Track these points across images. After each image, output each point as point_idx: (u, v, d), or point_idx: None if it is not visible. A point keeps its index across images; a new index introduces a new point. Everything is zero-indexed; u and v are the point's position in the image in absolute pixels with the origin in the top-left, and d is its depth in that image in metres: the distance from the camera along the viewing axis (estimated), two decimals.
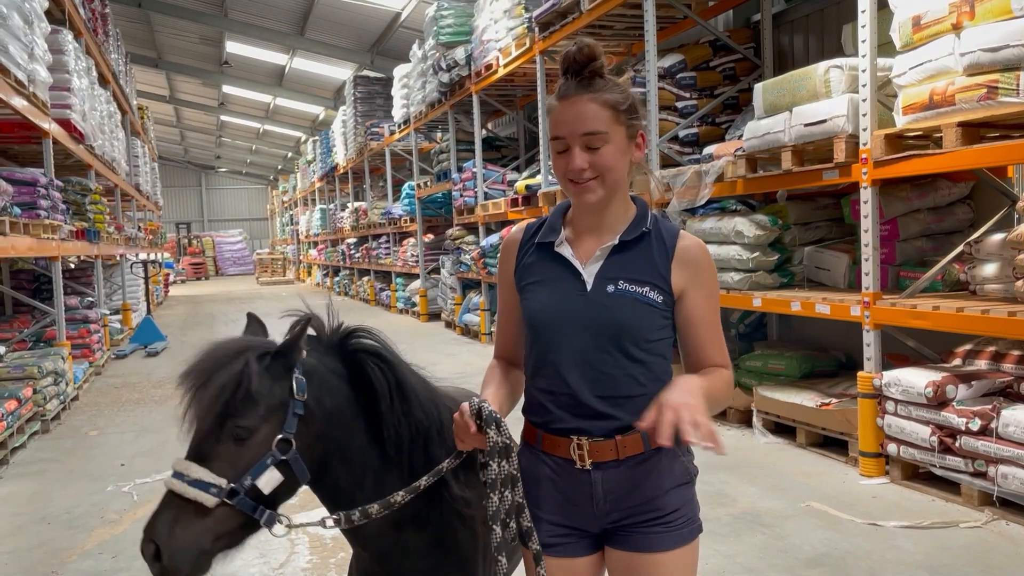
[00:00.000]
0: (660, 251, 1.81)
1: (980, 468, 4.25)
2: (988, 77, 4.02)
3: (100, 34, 12.96)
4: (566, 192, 1.82)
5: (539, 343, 1.81)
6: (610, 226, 1.83)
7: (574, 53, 1.77)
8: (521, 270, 1.88)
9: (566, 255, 1.82)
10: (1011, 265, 4.11)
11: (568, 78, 1.79)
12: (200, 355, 1.91)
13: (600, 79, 1.78)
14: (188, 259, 37.74)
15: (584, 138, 1.74)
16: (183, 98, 28.70)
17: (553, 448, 1.78)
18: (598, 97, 1.75)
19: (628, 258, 1.80)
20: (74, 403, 8.34)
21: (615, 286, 1.77)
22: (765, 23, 7.48)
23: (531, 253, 1.87)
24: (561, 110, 1.76)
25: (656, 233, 1.83)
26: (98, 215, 11.09)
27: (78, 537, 4.55)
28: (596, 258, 1.81)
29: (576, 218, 1.87)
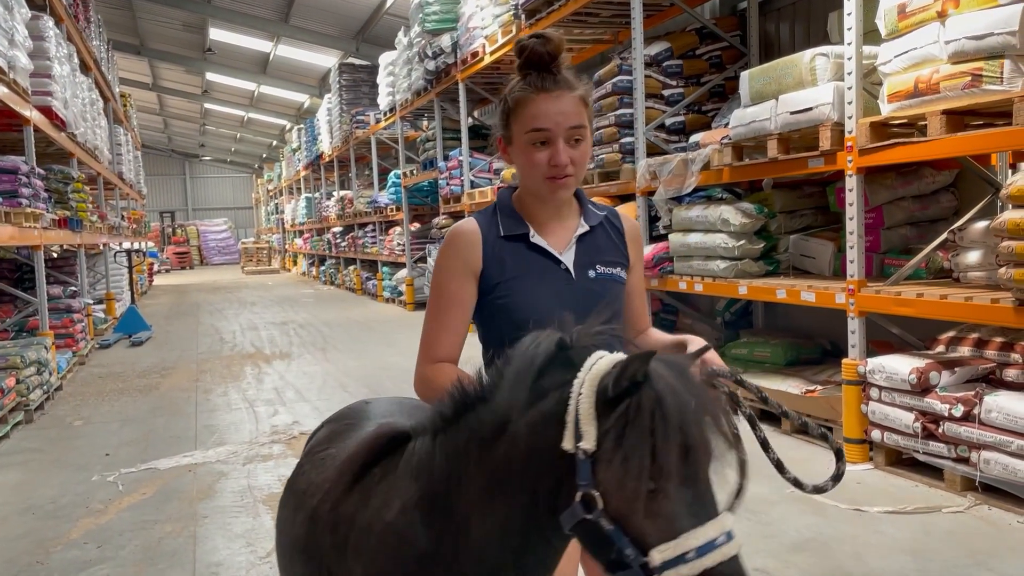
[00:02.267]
0: (615, 232, 1.93)
1: (963, 454, 4.29)
2: (972, 65, 4.04)
3: (81, 20, 12.81)
4: (537, 187, 1.81)
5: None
6: (566, 213, 1.90)
7: (541, 45, 1.77)
8: (493, 265, 1.82)
9: (544, 246, 1.84)
10: (994, 253, 4.14)
11: (535, 71, 1.79)
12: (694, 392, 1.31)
13: (569, 72, 1.80)
14: (172, 248, 37.52)
15: (570, 132, 1.77)
16: (166, 86, 28.45)
17: None
18: (575, 92, 1.79)
19: (594, 242, 1.89)
20: (58, 393, 8.29)
21: (594, 271, 1.85)
22: (751, 11, 7.48)
23: (500, 247, 1.83)
24: (544, 103, 1.76)
25: (605, 216, 1.94)
26: (80, 204, 11.00)
27: (63, 527, 4.53)
28: (569, 246, 1.86)
29: (533, 209, 1.87)
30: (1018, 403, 4.05)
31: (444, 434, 1.49)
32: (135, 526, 4.47)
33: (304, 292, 21.00)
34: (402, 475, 1.54)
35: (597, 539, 1.27)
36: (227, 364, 9.83)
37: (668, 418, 1.24)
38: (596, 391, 1.28)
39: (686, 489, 1.26)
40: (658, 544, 1.23)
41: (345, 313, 15.22)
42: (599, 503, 1.26)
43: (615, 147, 7.35)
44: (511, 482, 1.37)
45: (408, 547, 1.47)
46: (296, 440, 6.11)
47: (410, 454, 1.55)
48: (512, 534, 1.40)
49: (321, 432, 2.07)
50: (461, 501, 1.43)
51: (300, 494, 1.83)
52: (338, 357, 10.00)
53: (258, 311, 16.14)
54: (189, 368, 9.66)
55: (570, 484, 1.29)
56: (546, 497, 1.35)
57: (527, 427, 1.35)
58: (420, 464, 1.51)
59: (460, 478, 1.44)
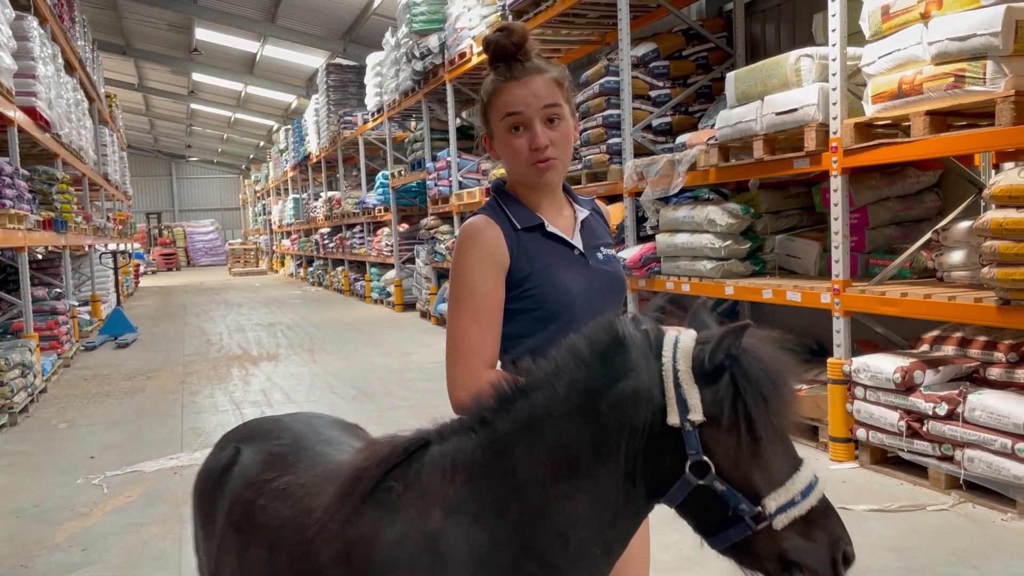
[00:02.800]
0: (600, 217, 1.98)
1: (947, 452, 4.32)
2: (955, 66, 4.06)
3: (66, 20, 12.73)
4: (523, 174, 1.82)
5: (571, 320, 1.74)
6: (561, 201, 1.92)
7: (505, 37, 1.79)
8: (519, 257, 1.79)
9: (559, 233, 1.85)
10: (978, 252, 4.17)
11: (504, 63, 1.81)
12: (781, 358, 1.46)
13: (537, 59, 1.81)
14: (159, 249, 37.32)
15: (545, 111, 1.77)
16: (152, 86, 28.30)
17: None
18: (546, 74, 1.79)
19: (592, 228, 1.93)
20: (42, 395, 8.23)
21: (601, 253, 1.89)
22: (737, 12, 7.51)
23: (521, 239, 1.81)
24: (514, 88, 1.77)
25: (591, 200, 2.01)
26: (65, 205, 10.94)
27: (48, 530, 4.49)
28: (575, 232, 1.89)
29: (531, 198, 1.87)
30: (1001, 401, 4.08)
31: (486, 430, 1.50)
32: (120, 529, 4.44)
33: (292, 293, 20.93)
34: (433, 482, 1.50)
35: (705, 502, 1.40)
36: (214, 366, 9.79)
37: (774, 384, 1.40)
38: (692, 366, 1.41)
39: (781, 442, 1.43)
40: (769, 494, 1.39)
41: (333, 314, 15.18)
42: (712, 468, 1.39)
43: (603, 148, 7.36)
44: (598, 463, 1.43)
45: (463, 550, 1.44)
46: None
47: (436, 458, 1.52)
48: (605, 512, 1.45)
49: (247, 461, 1.88)
50: (526, 491, 1.45)
51: (271, 531, 1.67)
52: (326, 358, 9.97)
53: (245, 312, 16.08)
54: (175, 370, 9.61)
55: (672, 456, 1.41)
56: (644, 472, 1.44)
57: (613, 407, 1.42)
58: (459, 465, 1.49)
59: (517, 470, 1.45)
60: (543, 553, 1.44)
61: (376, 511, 1.51)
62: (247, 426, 2.12)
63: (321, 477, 1.69)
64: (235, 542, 1.76)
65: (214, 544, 1.84)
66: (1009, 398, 4.09)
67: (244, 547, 1.73)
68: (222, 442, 2.08)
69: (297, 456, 1.83)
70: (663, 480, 1.43)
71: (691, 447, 1.39)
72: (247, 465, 1.86)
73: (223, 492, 1.87)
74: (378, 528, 1.49)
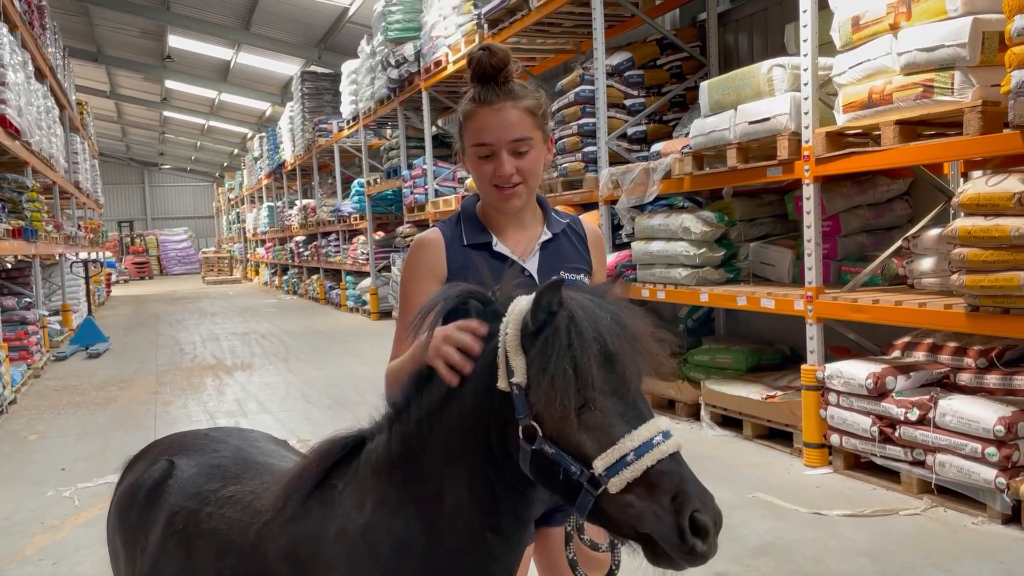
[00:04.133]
0: (577, 239, 1.97)
1: (919, 457, 4.37)
2: (924, 76, 4.13)
3: (36, 27, 12.58)
4: (489, 197, 1.86)
5: None
6: (528, 221, 1.94)
7: (487, 58, 1.80)
8: (456, 272, 1.85)
9: (507, 253, 1.89)
10: (947, 259, 4.23)
11: (482, 83, 1.82)
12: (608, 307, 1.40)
13: (514, 83, 1.82)
14: (131, 258, 36.87)
15: (513, 144, 1.80)
16: (124, 93, 28.01)
17: None
18: (519, 104, 1.81)
19: (558, 249, 1.93)
20: (12, 407, 8.10)
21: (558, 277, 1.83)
22: (711, 22, 7.59)
23: (463, 255, 1.88)
24: (486, 116, 1.80)
25: (568, 224, 1.98)
26: (35, 213, 10.79)
27: (17, 543, 4.42)
28: (533, 253, 1.91)
29: (494, 217, 1.92)
30: (971, 406, 4.14)
31: (399, 422, 1.55)
32: (91, 542, 4.38)
33: (266, 302, 20.77)
34: (366, 475, 1.55)
35: (547, 469, 1.33)
36: (187, 376, 9.68)
37: (583, 332, 1.32)
38: (519, 328, 1.38)
39: (616, 400, 1.33)
40: (598, 455, 1.29)
41: (308, 323, 15.09)
42: (539, 431, 1.33)
43: (578, 156, 7.39)
44: (466, 440, 1.44)
45: (386, 540, 1.48)
46: None
47: (369, 453, 1.57)
48: (480, 492, 1.45)
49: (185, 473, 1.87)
50: (427, 477, 1.48)
51: (219, 536, 1.68)
52: (301, 367, 9.91)
53: (219, 321, 15.93)
54: (148, 380, 9.50)
55: (514, 423, 1.36)
56: (500, 443, 1.41)
57: (468, 382, 1.44)
58: (380, 457, 1.54)
59: (419, 456, 1.49)
60: (443, 538, 1.46)
61: (320, 508, 1.55)
62: (173, 440, 2.09)
63: (269, 483, 1.72)
64: (177, 552, 1.74)
65: (147, 558, 1.81)
66: (979, 403, 4.16)
67: (188, 555, 1.72)
68: (146, 457, 2.07)
69: (241, 467, 1.85)
70: (512, 448, 1.39)
71: (519, 412, 1.35)
72: (186, 477, 1.86)
73: (158, 505, 1.85)
74: (322, 524, 1.53)
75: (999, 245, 3.79)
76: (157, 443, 2.13)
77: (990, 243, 3.83)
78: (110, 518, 2.05)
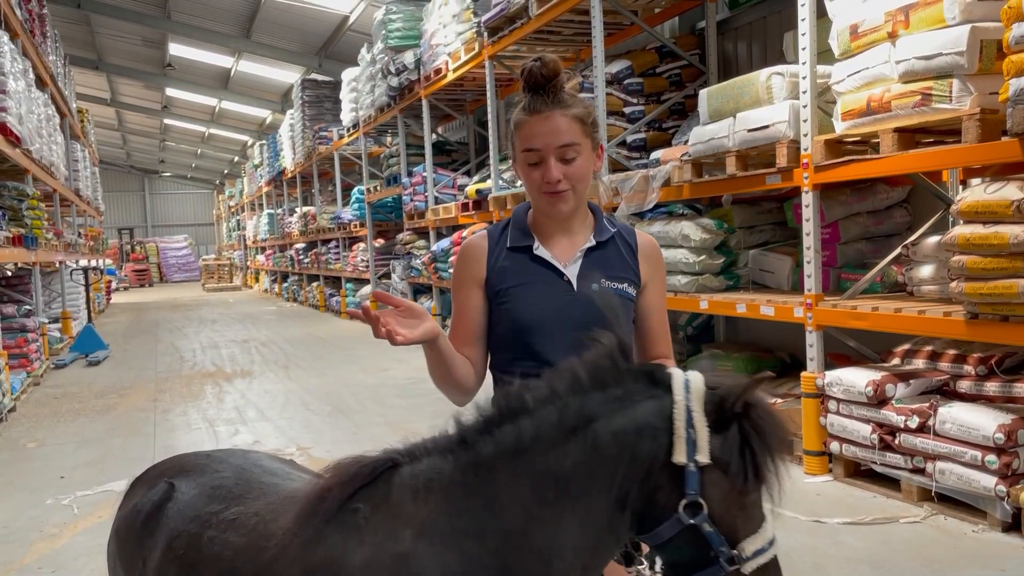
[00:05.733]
0: (626, 249, 1.98)
1: (919, 464, 4.37)
2: (922, 84, 4.14)
3: (37, 35, 12.62)
4: (538, 203, 1.92)
5: (529, 341, 1.88)
6: (577, 229, 1.96)
7: (538, 68, 1.84)
8: (496, 274, 1.93)
9: (547, 257, 1.93)
10: (946, 267, 4.24)
11: (532, 93, 1.87)
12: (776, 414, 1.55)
13: (564, 93, 1.86)
14: (131, 266, 36.90)
15: (560, 150, 1.85)
16: (125, 101, 28.06)
17: None
18: (569, 112, 1.85)
19: (603, 257, 1.95)
20: (11, 415, 8.09)
21: (598, 284, 1.91)
22: (710, 30, 7.61)
23: (504, 257, 1.94)
24: (535, 124, 1.85)
25: (618, 232, 1.99)
26: (36, 221, 10.79)
27: (16, 551, 4.41)
28: (575, 259, 1.93)
29: (542, 223, 1.96)
30: (971, 414, 4.13)
31: (466, 452, 1.48)
32: (91, 550, 4.37)
33: (266, 309, 20.77)
34: (403, 503, 1.47)
35: (689, 541, 1.42)
36: (187, 383, 9.68)
37: (779, 441, 1.46)
38: (706, 410, 1.43)
39: (763, 494, 1.48)
40: (746, 539, 1.43)
41: (308, 330, 15.08)
42: (704, 509, 1.41)
43: None
44: (590, 488, 1.43)
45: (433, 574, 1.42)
46: None
47: (408, 479, 1.50)
48: (590, 537, 1.45)
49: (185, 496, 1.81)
50: (507, 513, 1.44)
51: (224, 561, 1.61)
52: (300, 375, 9.90)
53: (219, 329, 15.93)
54: (147, 388, 9.49)
55: (668, 492, 1.42)
56: (635, 503, 1.44)
57: (613, 436, 1.43)
58: (433, 486, 1.47)
59: (499, 493, 1.44)
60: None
61: (341, 533, 1.47)
62: (173, 462, 2.02)
63: (276, 504, 1.65)
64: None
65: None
66: (979, 411, 4.15)
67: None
68: (145, 481, 1.99)
69: (243, 487, 1.78)
70: (653, 515, 1.44)
71: (690, 487, 1.41)
72: (186, 499, 1.80)
73: (157, 529, 1.79)
74: (344, 551, 1.46)
75: (998, 252, 3.80)
76: (157, 466, 2.06)
77: (989, 250, 3.83)
78: (110, 545, 1.98)
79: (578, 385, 1.48)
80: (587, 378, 1.48)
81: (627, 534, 1.50)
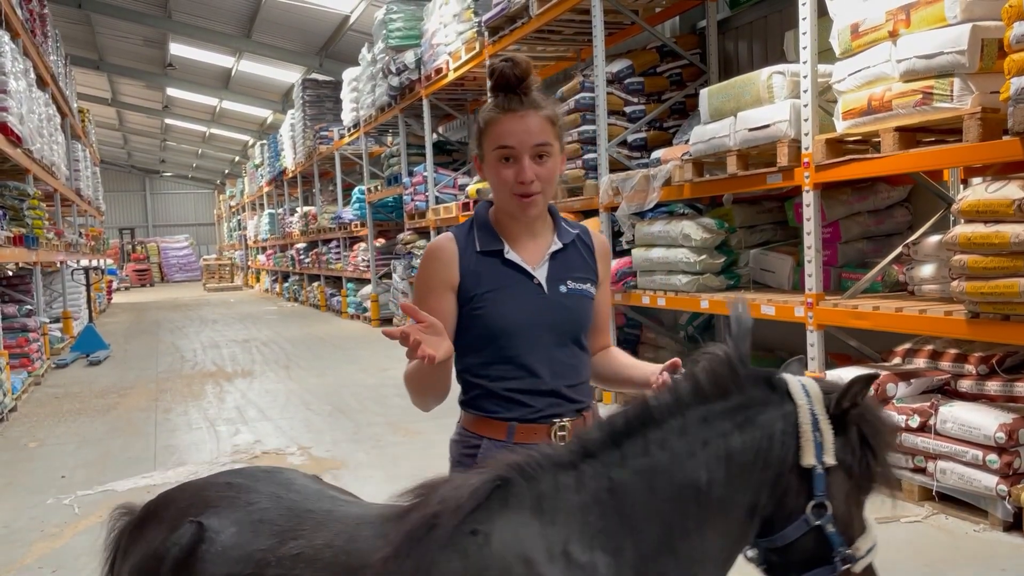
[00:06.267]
0: (585, 250, 2.02)
1: (920, 464, 4.36)
2: (923, 83, 4.14)
3: (38, 35, 12.62)
4: (507, 205, 1.91)
5: (505, 345, 1.89)
6: (540, 231, 1.98)
7: (510, 69, 1.85)
8: (469, 278, 1.91)
9: (518, 261, 1.93)
10: (947, 266, 4.23)
11: (504, 93, 1.88)
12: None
13: (535, 94, 1.88)
14: (132, 265, 36.91)
15: (535, 149, 1.85)
16: (126, 101, 28.07)
17: (529, 436, 1.87)
18: (542, 112, 1.87)
19: (567, 259, 1.97)
20: (12, 414, 8.09)
21: (566, 286, 1.94)
22: (710, 29, 7.60)
23: (475, 261, 1.92)
24: (509, 122, 1.85)
25: (578, 235, 2.03)
26: (37, 221, 10.80)
27: (17, 551, 4.41)
28: (543, 262, 1.94)
29: (507, 225, 1.96)
30: (972, 413, 4.13)
31: (593, 467, 1.45)
32: (92, 549, 4.35)
33: (267, 309, 20.77)
34: (525, 524, 1.39)
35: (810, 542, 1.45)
36: (188, 383, 9.68)
37: (892, 434, 1.52)
38: (827, 413, 1.47)
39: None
40: (860, 538, 1.49)
41: (308, 330, 15.08)
42: (828, 509, 1.44)
43: (578, 163, 7.41)
44: (730, 497, 1.43)
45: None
46: (258, 459, 6.03)
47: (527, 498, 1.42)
48: (728, 545, 1.46)
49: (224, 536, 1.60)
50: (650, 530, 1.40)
51: None
52: (301, 375, 9.90)
53: (220, 329, 15.93)
54: (148, 387, 9.50)
55: (796, 495, 1.45)
56: (766, 507, 1.46)
57: (747, 443, 1.44)
58: (560, 506, 1.41)
59: (636, 506, 1.41)
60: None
61: (459, 559, 1.37)
62: (189, 497, 1.75)
63: (348, 534, 1.52)
64: None
65: None
66: (979, 410, 4.15)
67: None
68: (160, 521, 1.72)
69: (292, 518, 1.61)
70: (780, 518, 1.46)
71: (818, 489, 1.44)
72: (226, 540, 1.60)
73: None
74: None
75: (999, 251, 3.79)
76: (167, 502, 1.78)
77: (990, 249, 3.83)
78: None
79: (701, 394, 1.47)
80: (709, 387, 1.48)
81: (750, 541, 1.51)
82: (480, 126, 1.91)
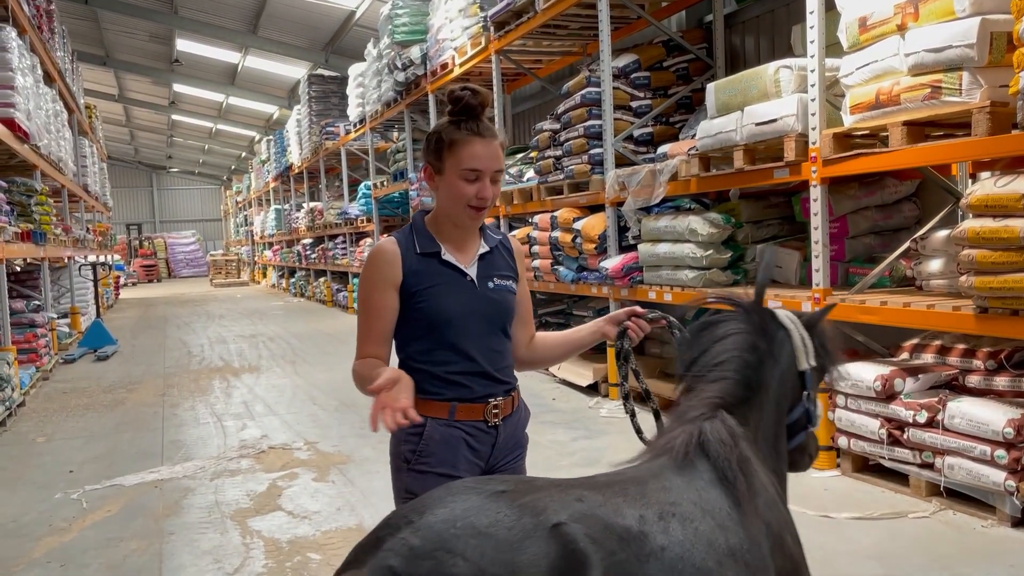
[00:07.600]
0: (506, 252, 2.35)
1: (927, 459, 4.35)
2: (932, 77, 4.11)
3: (45, 31, 12.65)
4: (459, 215, 2.19)
5: (446, 333, 2.18)
6: (470, 237, 2.28)
7: (471, 97, 2.13)
8: (411, 276, 2.19)
9: (453, 261, 2.22)
10: (955, 261, 4.21)
11: (467, 118, 2.14)
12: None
13: (489, 122, 2.19)
14: (139, 261, 37.02)
15: (494, 173, 2.17)
16: (133, 97, 28.12)
17: (469, 415, 2.18)
18: (499, 140, 2.19)
19: (492, 260, 2.29)
20: (20, 409, 8.13)
21: (493, 282, 2.26)
22: (717, 24, 7.58)
23: (416, 262, 2.20)
24: (479, 146, 2.13)
25: (500, 242, 2.35)
26: (44, 216, 10.83)
27: (25, 546, 4.43)
28: (472, 262, 2.25)
29: (446, 231, 2.25)
30: (980, 409, 4.11)
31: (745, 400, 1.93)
32: (99, 544, 4.39)
33: (274, 304, 20.82)
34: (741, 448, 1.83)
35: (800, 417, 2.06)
36: (195, 378, 9.71)
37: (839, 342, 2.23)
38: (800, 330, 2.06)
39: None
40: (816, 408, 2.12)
41: (315, 325, 15.11)
42: (810, 394, 2.05)
43: (584, 158, 7.39)
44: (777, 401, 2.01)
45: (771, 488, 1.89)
46: (265, 454, 6.04)
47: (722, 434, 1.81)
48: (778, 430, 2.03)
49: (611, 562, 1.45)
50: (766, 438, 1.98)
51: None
52: (308, 370, 9.92)
53: (227, 324, 15.97)
54: (156, 382, 9.53)
55: (795, 388, 2.04)
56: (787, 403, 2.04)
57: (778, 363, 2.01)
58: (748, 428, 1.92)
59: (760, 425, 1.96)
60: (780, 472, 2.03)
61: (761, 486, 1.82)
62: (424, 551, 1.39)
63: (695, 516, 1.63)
64: None
65: None
66: (988, 405, 4.13)
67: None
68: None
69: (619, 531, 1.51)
70: (790, 406, 2.04)
71: (809, 383, 2.03)
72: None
73: None
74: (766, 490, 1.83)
75: (1008, 246, 3.77)
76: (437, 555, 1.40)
77: (999, 244, 3.81)
78: None
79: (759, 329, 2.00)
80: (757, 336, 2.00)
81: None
82: (444, 142, 2.14)
